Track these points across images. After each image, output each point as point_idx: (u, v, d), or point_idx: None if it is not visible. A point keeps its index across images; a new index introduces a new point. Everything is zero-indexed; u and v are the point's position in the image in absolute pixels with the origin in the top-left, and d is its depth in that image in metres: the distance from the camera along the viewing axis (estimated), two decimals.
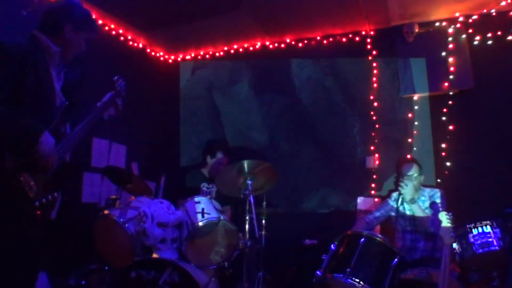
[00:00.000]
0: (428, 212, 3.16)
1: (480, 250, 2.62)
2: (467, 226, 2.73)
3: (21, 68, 1.70)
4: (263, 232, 3.52)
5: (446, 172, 3.78)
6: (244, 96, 4.87)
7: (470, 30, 3.90)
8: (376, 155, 4.14)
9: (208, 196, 3.29)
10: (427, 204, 3.24)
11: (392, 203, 3.40)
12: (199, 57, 5.21)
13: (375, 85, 4.26)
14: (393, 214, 3.38)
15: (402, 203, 3.23)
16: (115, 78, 2.37)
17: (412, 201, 3.17)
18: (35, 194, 1.71)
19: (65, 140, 1.92)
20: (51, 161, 1.74)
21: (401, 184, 3.18)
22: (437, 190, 3.33)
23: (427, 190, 3.36)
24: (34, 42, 1.86)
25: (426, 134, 3.98)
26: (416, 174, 3.28)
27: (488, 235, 2.64)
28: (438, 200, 3.21)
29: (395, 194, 3.40)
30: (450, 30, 3.94)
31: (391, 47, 4.17)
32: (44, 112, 1.83)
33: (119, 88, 2.35)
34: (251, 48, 4.91)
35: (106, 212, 2.94)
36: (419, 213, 3.16)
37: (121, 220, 2.79)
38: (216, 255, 2.90)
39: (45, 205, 1.78)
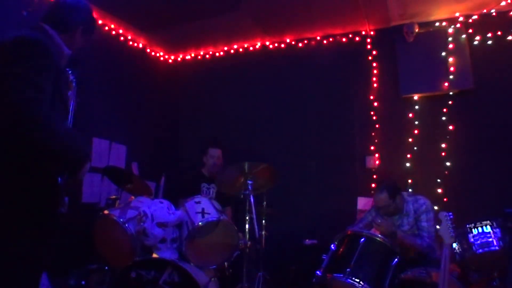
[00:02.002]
0: (413, 230, 3.04)
1: (480, 250, 2.62)
2: (467, 226, 2.73)
3: (56, 71, 1.59)
4: (263, 232, 3.52)
5: (446, 172, 3.78)
6: (243, 94, 4.87)
7: (470, 30, 3.90)
8: (376, 155, 4.14)
9: (209, 196, 3.29)
10: (412, 219, 3.06)
11: (370, 217, 3.27)
12: (199, 57, 5.22)
13: (375, 85, 4.26)
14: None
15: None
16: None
17: (394, 233, 2.89)
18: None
19: None
20: (82, 180, 1.75)
21: (376, 224, 2.92)
22: (422, 202, 3.07)
23: (411, 200, 3.11)
24: (48, 39, 1.69)
25: (426, 134, 3.98)
26: (389, 204, 3.02)
27: (488, 235, 2.64)
28: (424, 216, 2.99)
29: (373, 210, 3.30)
30: (450, 30, 3.94)
31: (391, 47, 4.17)
32: (63, 117, 1.75)
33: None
34: (251, 48, 4.91)
35: (106, 212, 2.94)
36: (405, 239, 2.95)
37: (121, 220, 2.79)
38: (216, 255, 2.90)
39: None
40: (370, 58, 4.30)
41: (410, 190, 3.60)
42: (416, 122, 4.03)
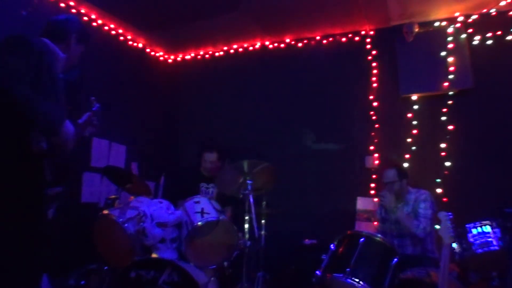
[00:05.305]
0: (411, 215, 3.16)
1: (480, 250, 2.62)
2: (467, 226, 2.73)
3: (40, 62, 1.73)
4: (263, 232, 3.52)
5: (446, 172, 3.78)
6: (243, 93, 4.87)
7: (470, 30, 3.90)
8: (376, 155, 4.14)
9: (208, 196, 3.28)
10: (410, 208, 3.21)
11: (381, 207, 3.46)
12: (199, 57, 5.22)
13: (375, 85, 4.26)
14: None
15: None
16: (92, 98, 2.42)
17: (395, 210, 3.20)
18: (51, 181, 1.75)
19: None
20: (70, 146, 1.79)
21: (380, 195, 3.26)
22: (423, 192, 3.26)
23: (413, 192, 3.31)
24: (45, 45, 1.90)
25: (426, 134, 3.98)
26: (395, 181, 3.26)
27: (488, 235, 2.64)
28: (422, 205, 3.14)
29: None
30: (450, 30, 3.94)
31: (391, 47, 4.16)
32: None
33: (95, 109, 2.42)
34: (251, 48, 4.91)
35: (105, 212, 2.94)
36: (402, 218, 3.15)
37: (121, 220, 2.79)
38: (216, 255, 2.90)
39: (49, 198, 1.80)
40: (369, 58, 4.30)
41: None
42: (416, 122, 4.03)
